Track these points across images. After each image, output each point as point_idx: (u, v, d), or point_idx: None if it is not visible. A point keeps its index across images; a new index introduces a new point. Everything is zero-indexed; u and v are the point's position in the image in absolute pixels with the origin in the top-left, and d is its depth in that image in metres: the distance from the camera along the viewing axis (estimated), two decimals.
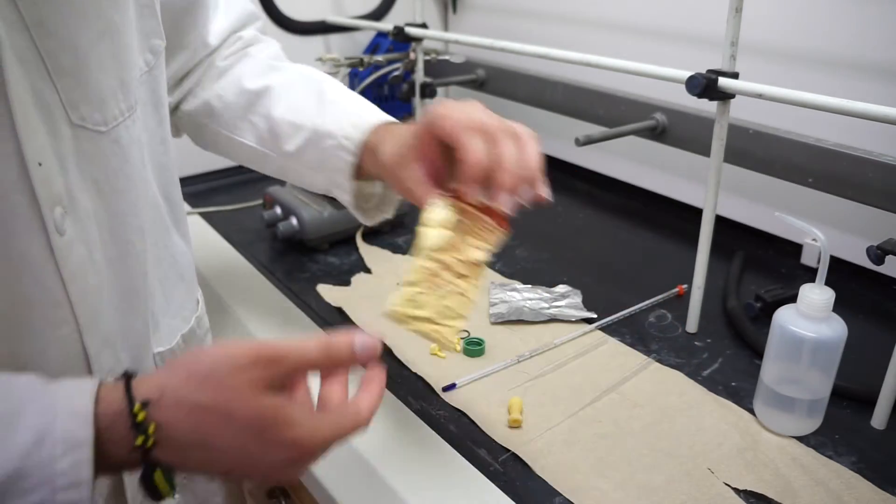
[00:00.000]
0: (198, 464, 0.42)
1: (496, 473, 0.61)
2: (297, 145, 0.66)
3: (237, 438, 0.41)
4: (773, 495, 0.58)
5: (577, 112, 1.16)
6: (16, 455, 0.37)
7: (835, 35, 0.89)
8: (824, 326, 0.62)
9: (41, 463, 0.37)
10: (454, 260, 0.51)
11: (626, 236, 1.09)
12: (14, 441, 0.37)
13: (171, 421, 0.40)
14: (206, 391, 0.41)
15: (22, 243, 0.44)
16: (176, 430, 0.41)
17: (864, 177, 0.81)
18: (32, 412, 0.39)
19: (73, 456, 0.38)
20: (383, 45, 1.39)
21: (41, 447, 0.38)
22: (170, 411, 0.40)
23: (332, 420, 0.44)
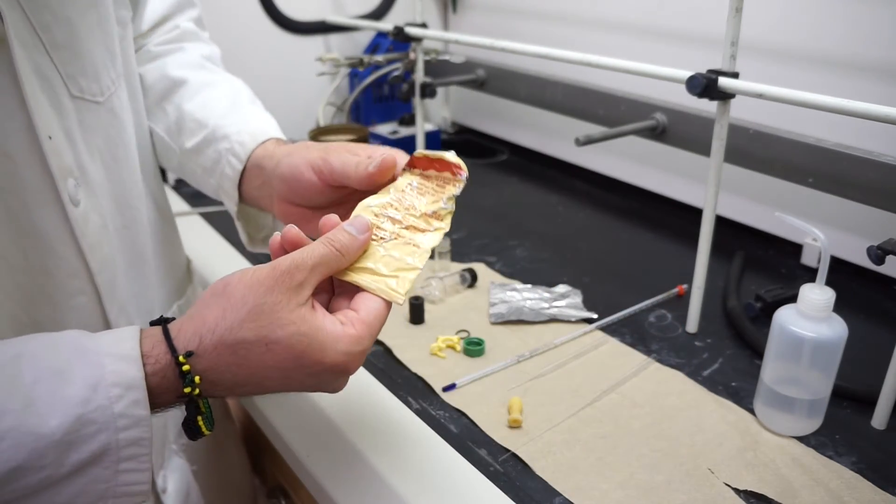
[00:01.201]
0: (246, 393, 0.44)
1: (496, 473, 0.61)
2: (196, 142, 0.64)
3: (279, 367, 0.42)
4: (773, 495, 0.58)
5: (577, 112, 1.16)
6: (74, 403, 0.38)
7: (835, 35, 0.89)
8: (824, 326, 0.62)
9: (100, 407, 0.39)
10: (402, 214, 0.49)
11: (626, 236, 1.09)
12: (70, 392, 0.39)
13: (214, 366, 0.42)
14: (243, 324, 0.41)
15: (38, 216, 0.45)
16: (221, 373, 0.42)
17: (864, 177, 0.81)
18: (81, 363, 0.40)
19: (129, 396, 0.40)
20: (383, 44, 1.39)
21: (97, 392, 0.39)
22: (211, 357, 0.42)
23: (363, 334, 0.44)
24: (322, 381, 0.45)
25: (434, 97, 1.17)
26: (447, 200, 0.50)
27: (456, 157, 0.50)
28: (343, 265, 0.46)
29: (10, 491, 0.38)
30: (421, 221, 0.49)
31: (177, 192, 1.23)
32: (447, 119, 1.61)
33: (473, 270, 0.92)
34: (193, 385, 0.41)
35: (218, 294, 0.43)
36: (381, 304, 0.45)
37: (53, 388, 0.39)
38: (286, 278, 0.42)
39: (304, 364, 0.43)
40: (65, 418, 0.38)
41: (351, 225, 0.46)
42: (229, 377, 0.42)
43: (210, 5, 1.24)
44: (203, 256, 1.01)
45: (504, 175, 1.35)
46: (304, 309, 0.43)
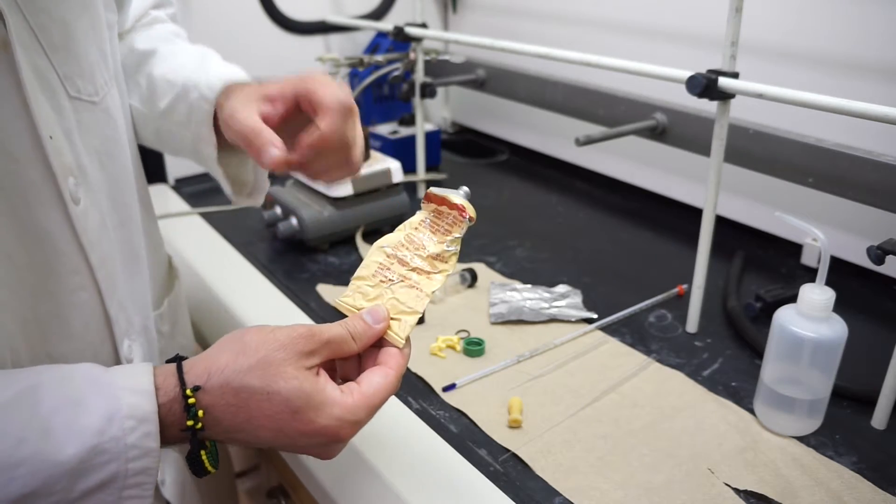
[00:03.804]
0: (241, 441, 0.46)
1: (496, 473, 0.61)
2: (168, 101, 0.64)
3: (275, 418, 0.44)
4: (773, 495, 0.58)
5: (577, 112, 1.16)
6: (90, 434, 0.40)
7: (835, 35, 0.89)
8: (824, 326, 0.62)
9: (114, 438, 0.41)
10: (411, 254, 0.51)
11: (626, 236, 1.09)
12: (87, 421, 0.40)
13: (217, 404, 0.44)
14: (250, 370, 0.44)
15: (40, 214, 0.46)
16: (221, 412, 0.44)
17: (864, 177, 0.81)
18: (98, 394, 0.42)
19: (142, 429, 0.42)
20: (383, 44, 1.39)
21: (112, 424, 0.41)
22: (216, 394, 0.44)
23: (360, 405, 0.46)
24: (312, 442, 0.46)
25: (434, 97, 1.17)
26: (451, 242, 0.52)
27: (461, 199, 0.51)
28: (353, 350, 0.48)
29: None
30: (426, 263, 0.51)
31: (177, 192, 1.23)
32: (447, 119, 1.61)
33: (473, 270, 0.92)
34: (196, 419, 0.43)
35: (234, 340, 0.46)
36: (384, 382, 0.47)
37: (71, 418, 0.40)
38: (300, 342, 0.45)
39: (299, 420, 0.44)
40: (80, 448, 0.40)
41: (369, 314, 0.49)
42: (228, 418, 0.44)
43: (210, 5, 1.24)
44: (203, 256, 1.01)
45: (504, 175, 1.35)
46: (310, 372, 0.45)
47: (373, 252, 0.52)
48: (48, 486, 0.39)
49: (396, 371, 0.48)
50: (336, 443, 0.47)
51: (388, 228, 1.08)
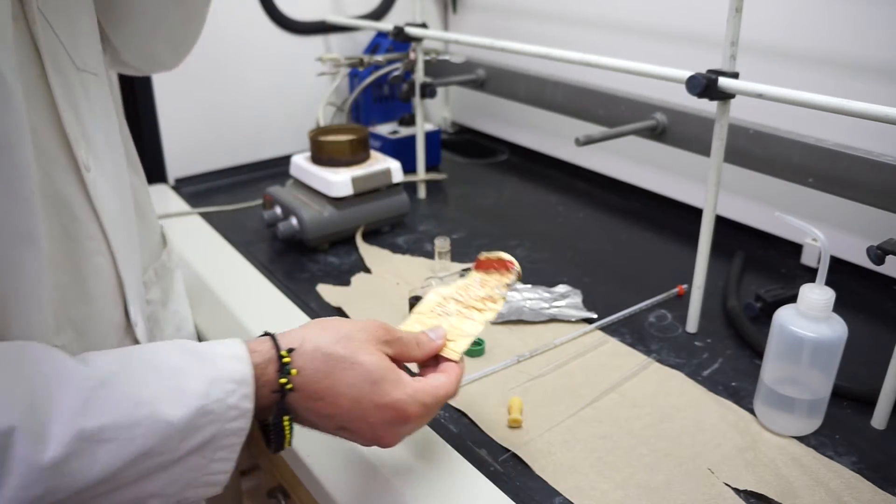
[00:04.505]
0: (319, 410, 0.49)
1: (496, 473, 0.61)
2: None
3: (356, 386, 0.49)
4: (773, 495, 0.58)
5: (577, 112, 1.16)
6: (196, 396, 0.44)
7: (835, 35, 0.89)
8: (824, 326, 0.62)
9: (217, 400, 0.45)
10: (465, 296, 0.60)
11: (626, 236, 1.09)
12: (192, 385, 0.44)
13: (308, 367, 0.49)
14: (339, 342, 0.50)
15: (58, 182, 0.48)
16: (310, 376, 0.49)
17: (864, 177, 0.81)
18: (199, 362, 0.46)
19: (240, 391, 0.46)
20: (383, 44, 1.39)
21: (214, 387, 0.45)
22: (307, 357, 0.49)
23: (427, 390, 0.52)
24: (384, 417, 0.50)
25: (434, 97, 1.17)
26: (501, 287, 0.60)
27: (508, 256, 0.62)
28: (415, 355, 0.55)
29: (128, 476, 0.42)
30: (479, 303, 0.59)
31: (177, 192, 1.23)
32: (447, 119, 1.61)
33: None
34: (289, 378, 0.48)
35: (318, 322, 0.52)
36: (446, 380, 0.53)
37: (178, 383, 0.44)
38: (378, 330, 0.52)
39: (375, 392, 0.49)
40: (188, 409, 0.43)
41: (431, 331, 0.57)
42: (314, 383, 0.49)
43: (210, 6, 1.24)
44: (203, 256, 1.01)
45: (504, 175, 1.35)
46: (385, 355, 0.52)
47: (429, 296, 0.61)
48: (160, 446, 0.42)
49: (455, 376, 0.54)
50: (402, 423, 0.51)
51: (387, 228, 1.08)
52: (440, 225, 1.11)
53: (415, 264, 0.98)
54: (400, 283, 0.92)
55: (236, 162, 1.35)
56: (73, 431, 0.40)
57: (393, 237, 1.07)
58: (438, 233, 1.05)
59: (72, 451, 0.40)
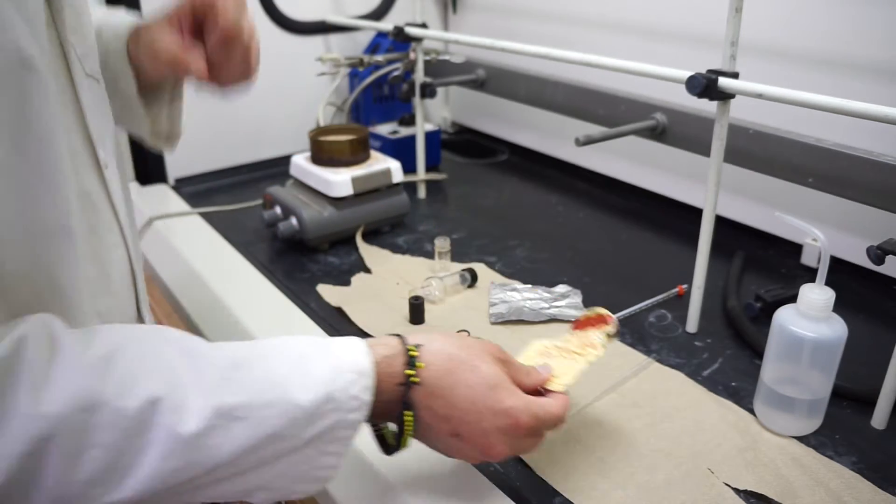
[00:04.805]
0: (438, 411, 0.51)
1: (496, 473, 0.61)
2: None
3: (475, 388, 0.51)
4: (773, 495, 0.58)
5: (577, 112, 1.16)
6: (323, 382, 0.46)
7: (835, 35, 0.89)
8: (824, 326, 0.62)
9: (341, 388, 0.47)
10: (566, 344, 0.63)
11: (626, 236, 1.09)
12: (319, 373, 0.47)
13: (433, 363, 0.51)
14: (461, 348, 0.53)
15: (84, 178, 0.51)
16: (434, 372, 0.51)
17: (863, 177, 0.81)
18: (323, 352, 0.49)
19: (362, 382, 0.48)
20: (383, 44, 1.39)
21: (338, 376, 0.47)
22: (433, 354, 0.52)
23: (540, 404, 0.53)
24: (497, 423, 0.51)
25: (434, 97, 1.17)
26: (601, 336, 0.63)
27: (605, 311, 0.65)
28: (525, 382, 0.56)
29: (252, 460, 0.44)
30: (579, 349, 0.62)
31: (177, 192, 1.23)
32: (447, 119, 1.61)
33: (473, 270, 0.92)
34: (416, 370, 0.50)
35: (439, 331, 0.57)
36: (556, 404, 0.54)
37: (306, 370, 0.47)
38: (494, 349, 0.55)
39: (492, 396, 0.51)
40: (316, 394, 0.46)
41: (539, 367, 0.58)
42: (436, 379, 0.51)
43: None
44: (203, 256, 1.01)
45: (504, 175, 1.35)
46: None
47: (531, 345, 0.63)
48: (288, 430, 0.44)
49: (564, 403, 0.55)
50: (513, 432, 0.51)
51: (387, 228, 1.08)
52: (440, 225, 1.11)
53: (415, 264, 0.98)
54: (400, 283, 0.92)
55: (236, 162, 1.35)
56: (212, 406, 0.42)
57: (393, 237, 1.07)
58: (438, 233, 1.05)
59: (210, 425, 0.42)
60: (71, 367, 0.40)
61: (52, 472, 0.39)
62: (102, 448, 0.40)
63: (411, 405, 0.51)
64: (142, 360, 0.43)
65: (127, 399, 0.40)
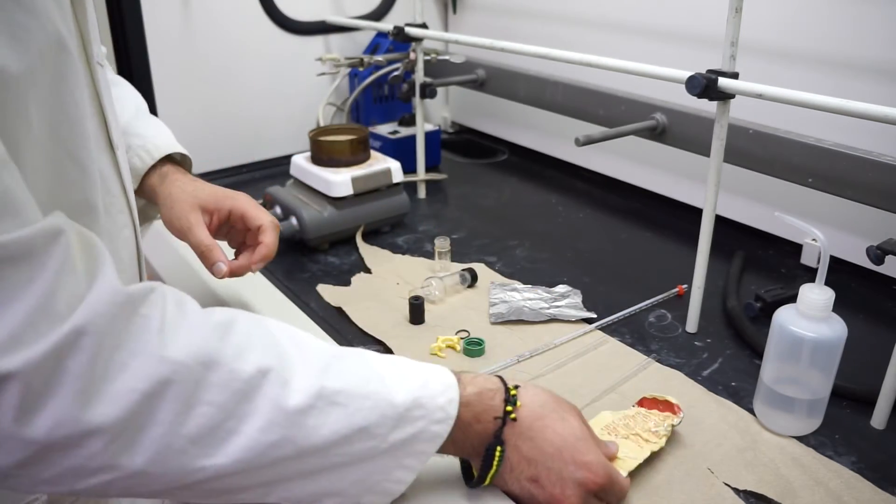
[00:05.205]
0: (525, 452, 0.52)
1: None
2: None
3: (562, 435, 0.53)
4: (773, 495, 0.58)
5: (577, 112, 1.16)
6: (415, 386, 0.49)
7: (835, 35, 0.89)
8: (824, 326, 0.62)
9: (430, 395, 0.49)
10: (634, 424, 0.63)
11: (626, 236, 1.09)
12: (410, 379, 0.49)
13: (529, 404, 0.53)
14: (553, 398, 0.55)
15: (100, 160, 0.52)
16: (529, 414, 0.53)
17: (864, 177, 0.81)
18: (412, 363, 0.52)
19: (448, 395, 0.50)
20: (383, 45, 1.39)
21: (428, 384, 0.50)
22: (529, 398, 0.54)
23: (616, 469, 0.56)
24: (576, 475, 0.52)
25: (434, 97, 1.17)
26: (667, 426, 0.63)
27: (675, 399, 0.65)
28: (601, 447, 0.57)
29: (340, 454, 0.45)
30: (645, 433, 0.62)
31: None
32: (447, 119, 1.61)
33: (473, 270, 0.92)
34: (514, 407, 0.52)
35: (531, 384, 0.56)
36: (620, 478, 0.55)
37: (399, 374, 0.49)
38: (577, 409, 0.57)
39: (576, 447, 0.53)
40: (408, 396, 0.48)
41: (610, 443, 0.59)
42: (529, 420, 0.53)
43: (210, 5, 1.24)
44: None
45: (504, 175, 1.35)
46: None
47: (602, 415, 0.64)
48: (378, 427, 0.46)
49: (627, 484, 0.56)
50: (587, 486, 0.52)
51: (387, 228, 1.08)
52: (440, 225, 1.11)
53: (415, 264, 0.98)
54: (400, 283, 0.92)
55: (236, 162, 1.35)
56: (316, 386, 0.44)
57: (393, 237, 1.07)
58: (438, 233, 1.05)
59: (311, 404, 0.44)
60: (196, 324, 0.43)
61: (162, 420, 0.40)
62: (212, 406, 0.41)
63: (502, 441, 0.52)
64: (256, 333, 0.46)
65: (242, 363, 0.43)
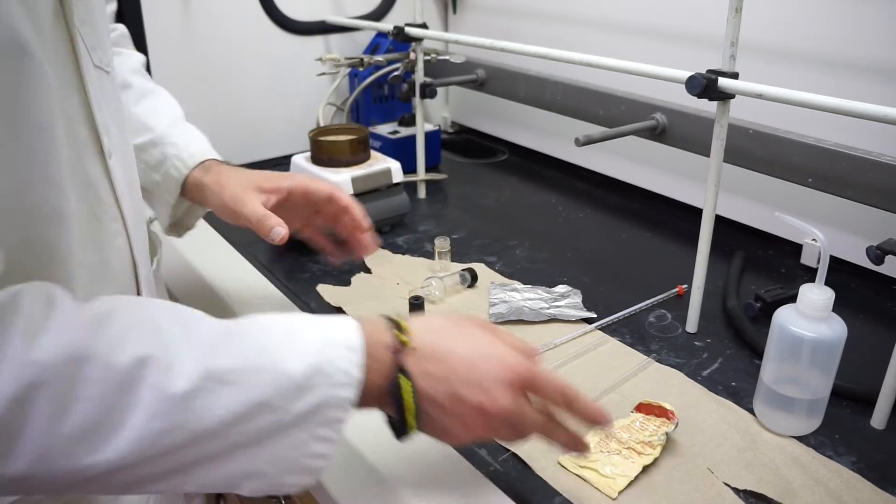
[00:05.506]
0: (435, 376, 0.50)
1: (496, 473, 0.61)
2: (143, 142, 0.77)
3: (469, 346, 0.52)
4: (773, 495, 0.58)
5: (577, 112, 1.16)
6: (312, 353, 0.46)
7: (834, 35, 0.89)
8: (824, 326, 0.62)
9: (330, 360, 0.46)
10: (627, 437, 0.63)
11: (626, 236, 1.09)
12: (308, 345, 0.47)
13: (422, 330, 0.52)
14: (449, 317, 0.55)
15: (88, 166, 0.51)
16: (426, 339, 0.51)
17: (864, 177, 0.81)
18: (314, 326, 0.49)
19: (351, 358, 0.47)
20: (383, 45, 1.39)
21: (327, 348, 0.47)
22: (420, 323, 0.53)
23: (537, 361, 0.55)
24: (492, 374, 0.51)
25: (434, 97, 1.17)
26: (661, 435, 0.62)
27: (670, 406, 0.65)
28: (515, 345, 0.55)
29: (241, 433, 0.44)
30: (639, 446, 0.62)
31: None
32: (447, 119, 1.61)
33: (473, 270, 0.92)
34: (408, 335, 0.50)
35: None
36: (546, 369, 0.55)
37: (296, 341, 0.47)
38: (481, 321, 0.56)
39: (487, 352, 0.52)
40: (306, 364, 0.46)
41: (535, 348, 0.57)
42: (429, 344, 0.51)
43: (210, 5, 1.24)
44: (203, 256, 1.01)
45: (504, 175, 1.35)
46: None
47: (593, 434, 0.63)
48: (276, 399, 0.44)
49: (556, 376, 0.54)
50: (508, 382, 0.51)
51: (387, 228, 1.08)
52: (440, 225, 1.12)
53: (415, 264, 0.98)
54: (400, 283, 0.92)
55: (236, 162, 1.35)
56: (201, 368, 0.43)
57: (393, 237, 1.07)
58: (438, 233, 1.05)
59: (199, 386, 0.42)
60: (66, 321, 0.41)
61: (38, 423, 0.39)
62: (90, 402, 0.40)
63: (407, 374, 0.50)
64: (136, 321, 0.44)
65: (118, 355, 0.41)
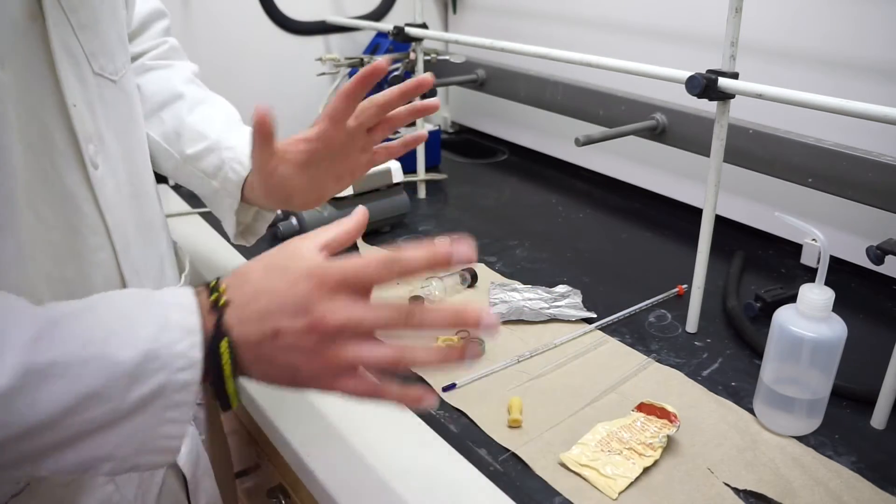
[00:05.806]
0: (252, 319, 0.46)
1: (496, 473, 0.61)
2: (198, 150, 0.74)
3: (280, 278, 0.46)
4: (773, 495, 0.58)
5: (577, 112, 1.16)
6: (145, 339, 0.44)
7: (834, 35, 0.89)
8: (824, 326, 0.62)
9: (165, 345, 0.44)
10: (629, 437, 0.63)
11: (626, 236, 1.09)
12: (141, 330, 0.44)
13: (235, 284, 0.47)
14: (269, 255, 0.49)
15: (65, 176, 0.50)
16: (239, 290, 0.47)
17: (864, 177, 0.81)
18: (149, 309, 0.46)
19: (189, 340, 0.45)
20: (383, 45, 1.39)
21: (163, 333, 0.44)
22: (237, 277, 0.48)
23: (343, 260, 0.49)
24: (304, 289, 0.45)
25: (434, 97, 1.17)
26: (662, 438, 0.62)
27: (672, 408, 0.65)
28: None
29: (76, 424, 0.42)
30: (640, 447, 0.62)
31: (177, 192, 1.23)
32: (447, 119, 1.61)
33: (473, 270, 0.92)
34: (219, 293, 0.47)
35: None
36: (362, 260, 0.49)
37: (127, 327, 0.44)
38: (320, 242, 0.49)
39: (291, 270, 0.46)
40: (137, 352, 0.43)
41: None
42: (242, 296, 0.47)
43: (210, 6, 1.24)
44: (203, 256, 1.01)
45: (504, 175, 1.35)
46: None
47: (596, 429, 0.64)
48: (108, 389, 0.42)
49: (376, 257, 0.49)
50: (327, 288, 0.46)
51: (387, 228, 1.08)
52: (440, 225, 1.12)
53: None
54: (400, 283, 0.92)
55: None
56: (21, 364, 0.40)
57: (393, 237, 1.07)
58: (438, 233, 1.05)
59: (19, 384, 0.40)
60: None
61: None
62: None
63: (226, 331, 0.46)
64: None
65: None
